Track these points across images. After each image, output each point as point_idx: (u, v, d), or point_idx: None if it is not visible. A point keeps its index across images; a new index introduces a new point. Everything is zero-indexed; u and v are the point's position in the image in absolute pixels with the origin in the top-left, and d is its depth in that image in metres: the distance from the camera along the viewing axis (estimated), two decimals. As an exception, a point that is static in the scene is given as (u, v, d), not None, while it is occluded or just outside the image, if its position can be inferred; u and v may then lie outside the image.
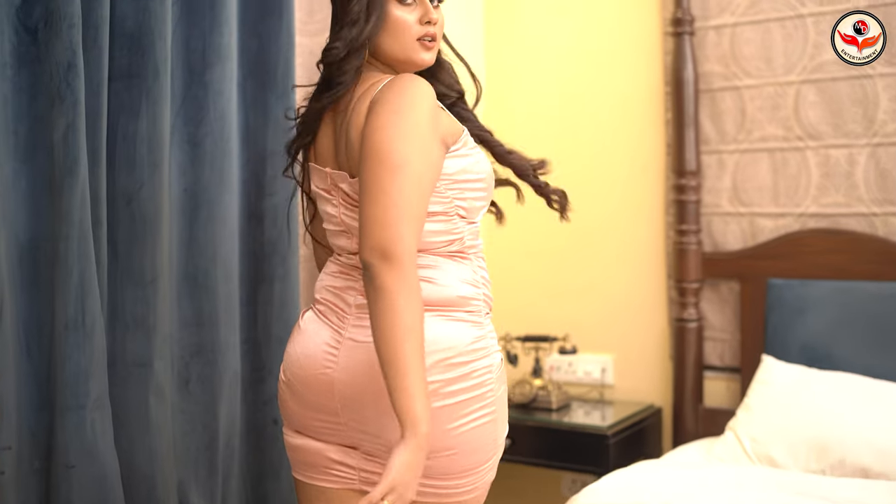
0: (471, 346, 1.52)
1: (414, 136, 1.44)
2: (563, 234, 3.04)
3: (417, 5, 1.59)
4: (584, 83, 3.04)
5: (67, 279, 1.71)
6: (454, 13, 3.09)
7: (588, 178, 3.01)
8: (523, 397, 2.77)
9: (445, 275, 1.54)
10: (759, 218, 2.71)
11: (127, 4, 1.85)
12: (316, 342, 1.58)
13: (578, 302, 3.03)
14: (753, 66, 2.70)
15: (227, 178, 2.07)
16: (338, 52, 1.55)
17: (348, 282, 1.59)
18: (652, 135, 2.90)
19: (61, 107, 1.69)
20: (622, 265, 2.96)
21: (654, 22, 2.89)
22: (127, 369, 1.88)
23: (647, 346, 2.93)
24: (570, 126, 3.06)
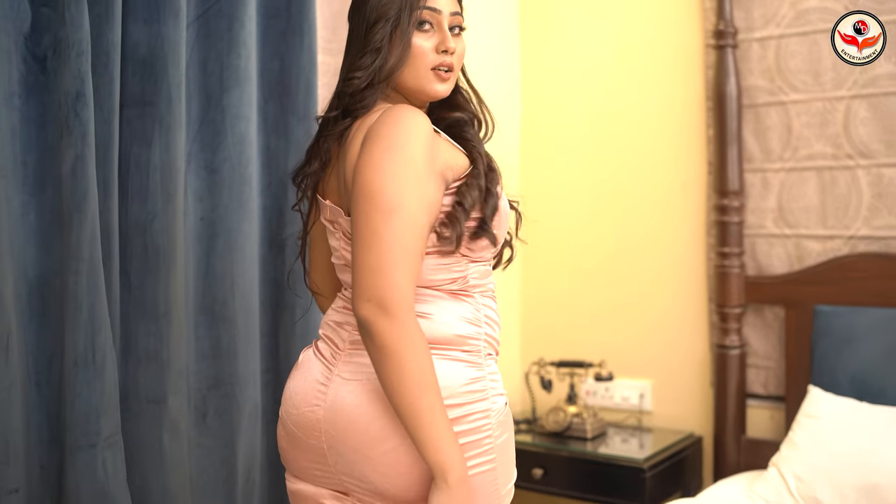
0: (466, 388, 1.42)
1: (408, 174, 1.34)
2: (600, 255, 2.94)
3: (435, 32, 1.50)
4: (622, 97, 2.93)
5: (77, 314, 1.65)
6: (490, 25, 3.01)
7: (625, 197, 2.91)
8: (557, 425, 2.67)
9: (443, 312, 1.45)
10: (806, 240, 2.58)
11: (139, 29, 1.79)
12: (307, 379, 1.51)
13: (616, 325, 2.93)
14: (800, 80, 2.57)
15: (245, 205, 2.00)
16: (359, 82, 1.47)
17: (347, 317, 1.50)
18: (692, 152, 2.79)
19: (70, 138, 1.63)
20: (661, 288, 2.85)
21: (695, 34, 2.77)
22: (140, 405, 1.82)
23: (687, 372, 2.81)
24: (607, 142, 2.96)
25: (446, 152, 1.45)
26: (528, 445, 2.64)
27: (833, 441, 2.22)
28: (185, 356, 1.90)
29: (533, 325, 3.10)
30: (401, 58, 1.47)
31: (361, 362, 1.43)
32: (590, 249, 2.98)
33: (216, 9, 1.97)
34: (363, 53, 1.48)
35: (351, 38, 1.55)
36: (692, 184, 2.79)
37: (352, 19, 1.56)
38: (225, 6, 1.97)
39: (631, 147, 2.91)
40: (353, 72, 1.48)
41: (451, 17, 1.53)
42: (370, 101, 1.48)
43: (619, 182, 2.92)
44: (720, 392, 2.65)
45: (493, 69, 3.00)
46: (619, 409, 2.90)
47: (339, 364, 1.47)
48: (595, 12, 2.98)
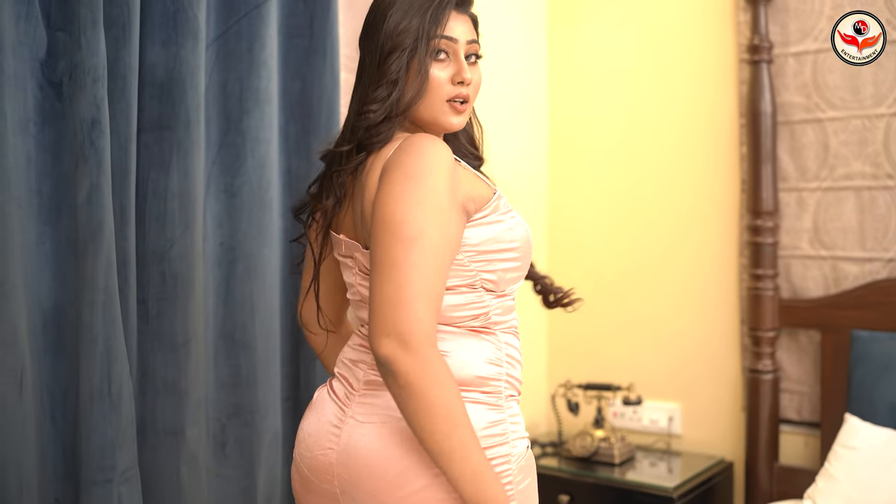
0: (486, 432, 1.36)
1: (430, 204, 1.27)
2: (629, 275, 2.88)
3: (451, 62, 1.44)
4: (652, 113, 2.86)
5: (93, 346, 1.61)
6: (517, 38, 2.95)
7: (655, 216, 2.84)
8: (584, 450, 2.60)
9: (463, 350, 1.39)
10: (843, 262, 2.49)
11: (156, 52, 1.74)
12: (321, 420, 1.45)
13: (644, 346, 2.86)
14: (838, 96, 2.49)
15: (266, 229, 1.96)
16: (375, 116, 1.40)
17: (362, 355, 1.45)
18: (725, 170, 2.71)
19: (85, 167, 1.59)
20: (691, 309, 2.78)
21: (728, 49, 2.69)
22: (157, 437, 1.78)
23: (718, 396, 2.73)
24: (637, 159, 2.89)
25: (467, 183, 1.39)
26: (555, 471, 2.58)
27: (872, 475, 2.14)
28: (204, 385, 1.86)
29: (560, 345, 3.03)
30: (419, 90, 1.41)
31: (376, 403, 1.38)
32: (619, 269, 2.91)
33: (236, 29, 1.92)
34: (378, 85, 1.41)
35: (363, 68, 1.48)
36: (725, 203, 2.71)
37: (364, 47, 1.49)
38: (245, 26, 1.92)
39: (661, 164, 2.84)
40: (369, 104, 1.41)
41: (468, 45, 1.46)
42: (386, 136, 1.42)
43: (648, 200, 2.85)
44: (752, 417, 2.57)
45: (521, 81, 2.94)
46: (647, 432, 2.83)
47: (353, 405, 1.41)
48: (625, 25, 2.91)
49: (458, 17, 1.46)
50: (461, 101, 1.44)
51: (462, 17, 1.47)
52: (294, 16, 2.07)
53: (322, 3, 2.06)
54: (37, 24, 1.59)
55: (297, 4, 2.07)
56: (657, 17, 2.84)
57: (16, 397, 1.51)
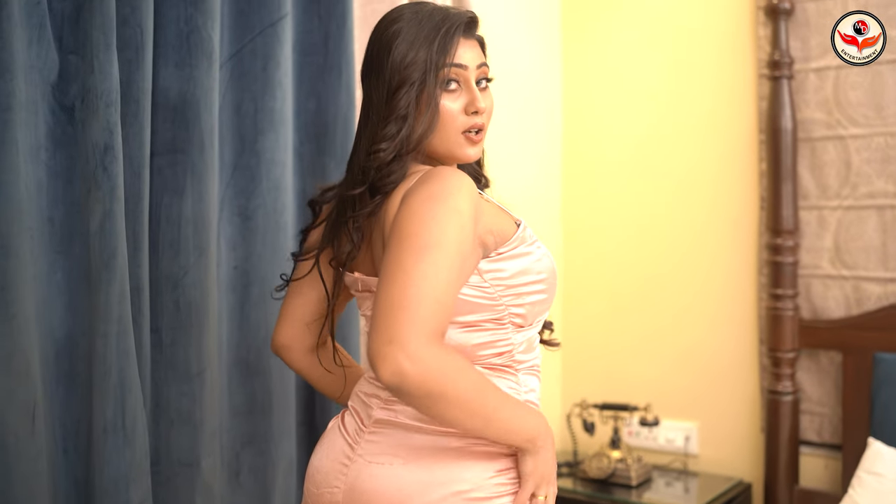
0: (494, 481, 1.33)
1: (448, 219, 1.20)
2: (646, 292, 2.83)
3: (463, 91, 1.39)
4: (670, 129, 2.82)
5: (106, 378, 1.57)
6: (531, 55, 2.90)
7: (672, 233, 2.79)
8: (601, 472, 2.56)
9: None
10: (866, 283, 2.45)
11: (170, 73, 1.70)
12: (329, 456, 1.41)
13: (660, 364, 2.81)
14: (861, 113, 2.44)
15: (281, 252, 1.92)
16: (385, 154, 1.34)
17: (377, 389, 1.40)
18: (743, 187, 2.67)
19: (98, 193, 1.54)
20: (708, 327, 2.74)
21: (747, 64, 2.65)
22: (172, 469, 1.73)
23: (735, 416, 2.69)
24: (653, 175, 2.85)
25: (490, 216, 1.34)
26: (570, 492, 2.53)
27: (897, 502, 2.10)
28: (219, 414, 1.82)
29: (574, 363, 2.99)
30: (430, 124, 1.35)
31: (385, 442, 1.35)
32: (634, 286, 2.87)
33: (250, 48, 1.88)
34: (387, 122, 1.35)
35: (370, 104, 1.41)
36: (743, 220, 2.67)
37: (368, 83, 1.42)
38: (259, 45, 1.88)
39: (678, 181, 2.79)
40: (378, 143, 1.35)
41: (478, 70, 1.41)
42: (398, 176, 1.36)
43: (664, 217, 2.80)
44: (772, 438, 2.53)
45: (535, 98, 2.90)
46: (663, 452, 2.79)
47: (362, 443, 1.37)
48: (642, 40, 2.86)
49: (466, 42, 1.40)
50: (476, 131, 1.39)
51: (469, 41, 1.41)
52: (309, 33, 2.03)
53: (337, 19, 2.02)
54: (48, 47, 1.55)
55: (312, 21, 2.03)
56: (675, 32, 2.80)
57: (28, 431, 1.47)
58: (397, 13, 1.40)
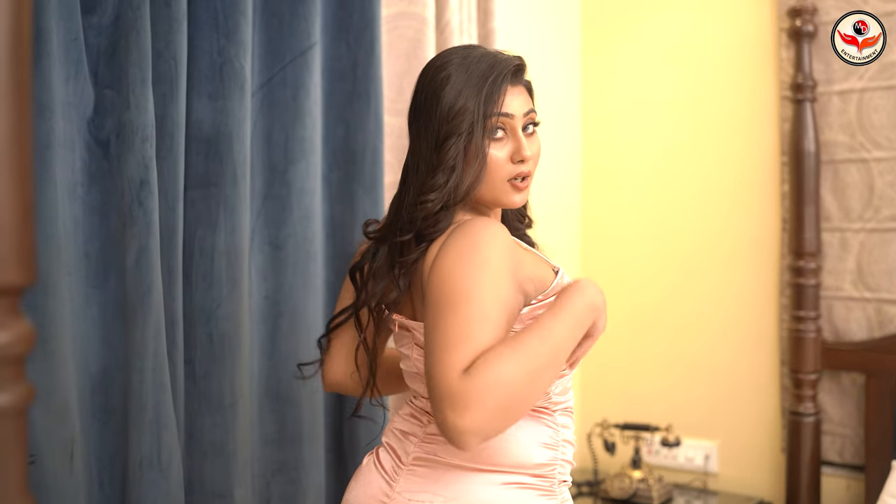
0: None
1: (482, 273, 1.20)
2: (666, 311, 2.84)
3: (509, 139, 1.38)
4: (692, 149, 2.81)
5: (142, 413, 1.57)
6: (551, 73, 2.90)
7: (693, 254, 2.79)
8: (622, 492, 2.56)
9: (522, 434, 1.34)
10: (888, 305, 2.45)
11: (203, 105, 1.70)
12: (367, 492, 1.42)
13: (681, 383, 2.82)
14: (884, 136, 2.44)
15: (311, 281, 1.92)
16: (433, 205, 1.34)
17: (413, 427, 1.42)
18: (766, 209, 2.67)
19: (133, 228, 1.55)
20: (729, 347, 2.74)
21: (770, 86, 2.65)
22: (206, 500, 1.74)
23: (756, 436, 2.70)
24: (674, 195, 2.84)
25: (530, 265, 1.34)
26: (592, 513, 2.55)
27: (922, 528, 2.11)
28: (250, 444, 1.83)
29: (594, 382, 2.99)
30: (477, 176, 1.34)
31: (425, 480, 1.35)
32: (655, 305, 2.87)
33: (280, 77, 1.88)
34: (435, 172, 1.34)
35: (418, 152, 1.39)
36: (765, 241, 2.67)
37: (416, 128, 1.41)
38: (290, 74, 1.88)
39: (699, 201, 2.79)
40: (426, 193, 1.35)
41: (525, 116, 1.40)
42: (445, 224, 1.36)
43: (686, 237, 2.80)
44: (793, 459, 2.53)
45: (555, 117, 2.89)
46: (683, 470, 2.79)
47: (400, 480, 1.38)
48: (663, 60, 2.86)
49: (514, 89, 1.39)
50: (521, 178, 1.39)
51: (517, 88, 1.40)
52: (337, 59, 2.02)
53: (366, 46, 2.02)
54: (85, 82, 1.55)
55: (341, 49, 2.02)
56: (697, 52, 2.80)
57: (67, 470, 1.47)
58: (446, 59, 1.39)
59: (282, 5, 1.87)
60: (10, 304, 0.68)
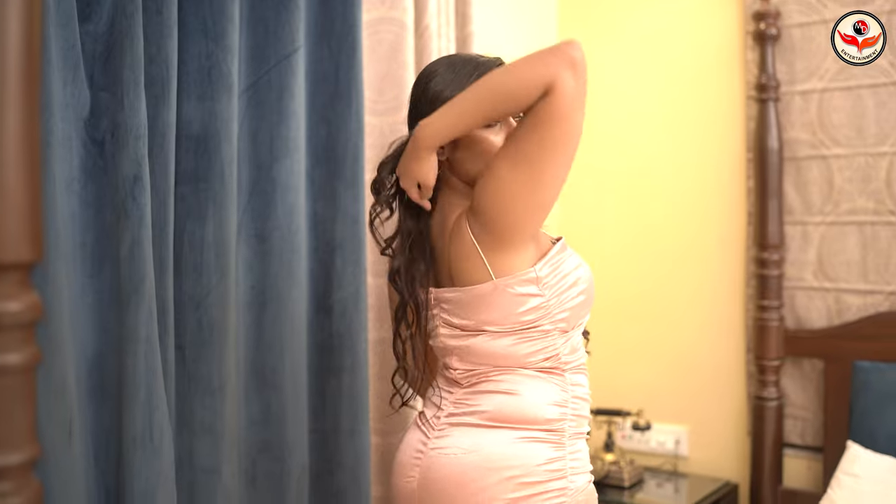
0: (544, 468, 1.49)
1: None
2: (640, 303, 2.96)
3: (503, 128, 1.56)
4: (663, 147, 2.94)
5: (135, 394, 1.68)
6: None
7: (665, 246, 2.92)
8: (595, 474, 2.67)
9: (532, 392, 1.53)
10: (846, 294, 2.58)
11: (192, 106, 1.81)
12: (406, 451, 1.62)
13: (653, 371, 2.94)
14: (842, 134, 2.57)
15: (295, 272, 2.03)
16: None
17: (446, 395, 1.61)
18: (732, 203, 2.79)
19: (127, 221, 1.66)
20: (699, 336, 2.86)
21: (736, 86, 2.77)
22: (195, 475, 1.85)
23: (724, 420, 2.82)
24: (647, 191, 2.97)
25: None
26: (566, 494, 2.66)
27: (872, 502, 2.23)
28: (237, 424, 1.94)
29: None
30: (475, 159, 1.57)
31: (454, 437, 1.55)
32: (629, 297, 3.00)
33: (266, 80, 1.99)
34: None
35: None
36: (732, 235, 2.79)
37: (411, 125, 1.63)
38: (274, 76, 1.99)
39: (670, 196, 2.92)
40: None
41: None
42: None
43: (658, 232, 2.93)
44: (757, 441, 2.66)
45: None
46: (654, 454, 2.91)
47: (433, 438, 1.58)
48: (637, 61, 2.98)
49: None
50: None
51: None
52: (320, 62, 2.14)
53: (347, 50, 2.13)
54: (81, 85, 1.66)
55: (323, 52, 2.13)
56: (668, 55, 2.92)
57: (65, 445, 1.58)
58: (433, 66, 1.59)
59: (267, 12, 1.98)
60: (21, 277, 0.79)
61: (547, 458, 1.50)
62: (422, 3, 2.33)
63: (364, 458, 2.15)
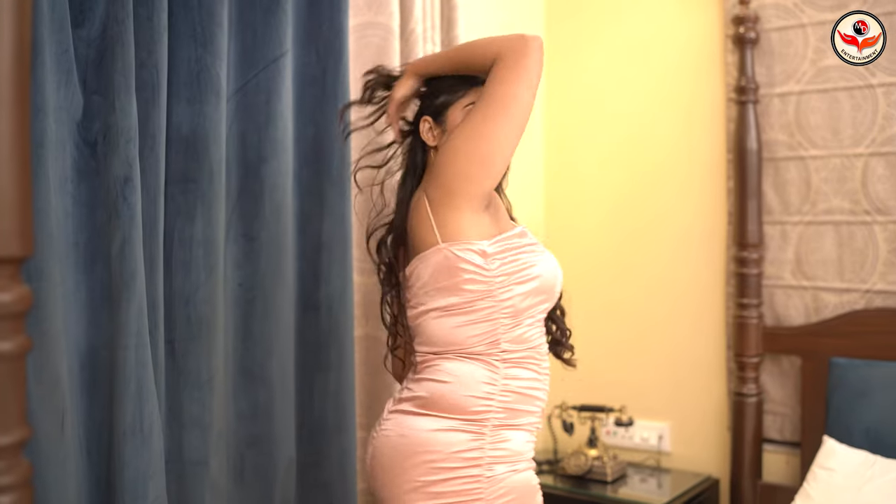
0: (460, 455, 1.61)
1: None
2: (623, 302, 3.02)
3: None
4: (646, 148, 3.00)
5: (126, 386, 1.74)
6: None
7: (647, 246, 2.98)
8: (578, 469, 2.75)
9: (461, 382, 1.63)
10: (823, 293, 2.64)
11: (182, 109, 1.87)
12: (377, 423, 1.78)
13: (636, 368, 3.00)
14: (819, 135, 2.63)
15: (282, 270, 2.08)
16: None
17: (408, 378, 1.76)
18: (714, 203, 2.85)
19: (118, 221, 1.71)
20: (681, 334, 2.92)
21: (717, 88, 2.83)
22: (184, 467, 1.91)
23: (705, 416, 2.88)
24: (630, 191, 3.03)
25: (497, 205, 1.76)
26: (551, 488, 2.72)
27: (847, 496, 2.29)
28: (225, 418, 2.00)
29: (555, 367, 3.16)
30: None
31: (393, 422, 1.69)
32: (612, 296, 3.06)
33: (254, 83, 2.04)
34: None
35: None
36: (713, 234, 2.86)
37: None
38: (262, 80, 2.04)
39: (653, 197, 2.98)
40: None
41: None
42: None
43: (641, 231, 2.99)
44: (737, 437, 2.72)
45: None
46: (638, 450, 2.98)
47: (382, 423, 1.73)
48: (622, 64, 3.05)
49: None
50: None
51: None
52: (307, 66, 2.19)
53: (335, 54, 2.19)
54: (74, 89, 1.71)
55: (310, 55, 2.19)
56: (651, 58, 2.98)
57: (58, 435, 1.64)
58: None
59: (255, 17, 2.04)
60: (12, 271, 0.85)
61: (465, 447, 1.60)
62: (407, 8, 2.39)
63: (350, 452, 2.20)
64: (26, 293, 0.86)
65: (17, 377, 0.86)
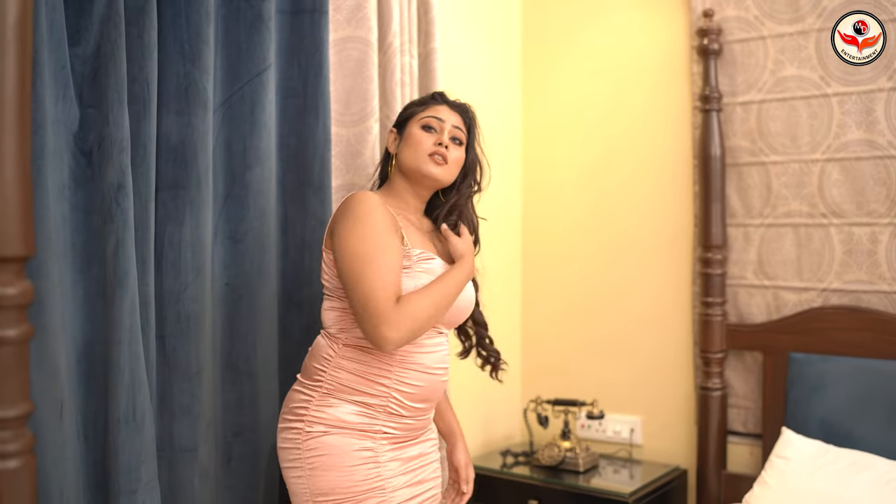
0: (294, 409, 1.92)
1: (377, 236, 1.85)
2: (596, 301, 3.15)
3: (436, 134, 1.95)
4: (617, 154, 3.14)
5: (120, 378, 1.87)
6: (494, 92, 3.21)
7: (619, 247, 3.12)
8: (551, 460, 2.88)
9: (313, 350, 1.97)
10: (783, 291, 2.78)
11: (171, 120, 2.00)
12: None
13: (609, 365, 3.14)
14: (779, 142, 2.77)
15: (266, 271, 2.22)
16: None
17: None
18: (681, 206, 2.99)
19: (112, 225, 1.84)
20: (651, 332, 3.06)
21: (683, 98, 2.97)
22: (174, 454, 2.03)
23: (674, 410, 3.02)
24: (602, 196, 3.17)
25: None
26: (526, 478, 2.85)
27: (800, 482, 2.42)
28: (213, 408, 2.13)
29: (532, 363, 3.32)
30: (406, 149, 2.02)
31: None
32: (586, 295, 3.20)
33: (239, 95, 2.17)
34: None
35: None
36: (680, 236, 2.99)
37: None
38: (247, 92, 2.17)
39: (624, 200, 3.11)
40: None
41: (453, 128, 1.96)
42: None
43: (612, 234, 3.12)
44: (703, 429, 2.85)
45: (498, 131, 3.19)
46: (611, 442, 3.11)
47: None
48: (593, 73, 3.18)
49: (451, 112, 2.00)
50: (440, 157, 1.94)
51: (454, 113, 2.01)
52: (290, 79, 2.32)
53: (315, 67, 2.32)
54: (71, 103, 1.84)
55: (293, 69, 2.32)
56: (621, 68, 3.11)
57: (57, 422, 1.76)
58: None
59: (240, 34, 2.16)
60: (17, 268, 0.99)
61: (298, 404, 1.91)
62: (385, 23, 2.52)
63: (331, 441, 2.33)
64: (29, 288, 1.00)
65: (21, 359, 1.00)
